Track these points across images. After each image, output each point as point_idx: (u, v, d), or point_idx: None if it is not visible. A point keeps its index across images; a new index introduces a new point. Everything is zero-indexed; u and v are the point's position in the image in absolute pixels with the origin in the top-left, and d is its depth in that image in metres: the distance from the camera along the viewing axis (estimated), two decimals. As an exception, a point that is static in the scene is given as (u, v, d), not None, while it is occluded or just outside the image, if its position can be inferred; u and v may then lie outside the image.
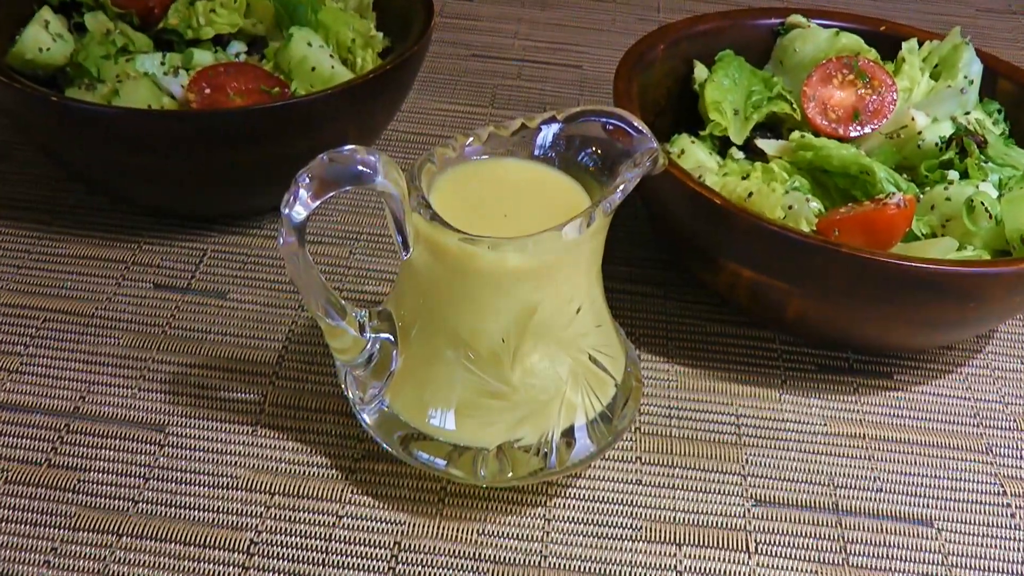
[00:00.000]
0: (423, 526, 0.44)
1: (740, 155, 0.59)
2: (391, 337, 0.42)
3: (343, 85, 0.55)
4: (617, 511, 0.45)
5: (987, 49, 0.64)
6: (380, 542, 0.43)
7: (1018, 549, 0.45)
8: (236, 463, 0.46)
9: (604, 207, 0.38)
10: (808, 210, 0.52)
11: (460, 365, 0.40)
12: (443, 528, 0.44)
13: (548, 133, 0.42)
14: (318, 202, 0.35)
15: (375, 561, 0.42)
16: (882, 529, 0.46)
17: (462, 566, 0.42)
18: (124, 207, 0.62)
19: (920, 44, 0.64)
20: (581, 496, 0.46)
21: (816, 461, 0.49)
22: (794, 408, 0.52)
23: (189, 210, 0.61)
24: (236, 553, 0.42)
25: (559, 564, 0.43)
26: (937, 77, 0.63)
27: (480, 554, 0.43)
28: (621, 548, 0.44)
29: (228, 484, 0.45)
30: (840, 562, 0.44)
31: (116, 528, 0.43)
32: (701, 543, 0.44)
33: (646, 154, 0.40)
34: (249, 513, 0.44)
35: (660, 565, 0.43)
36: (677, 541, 0.44)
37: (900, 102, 0.59)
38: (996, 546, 0.45)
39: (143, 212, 0.62)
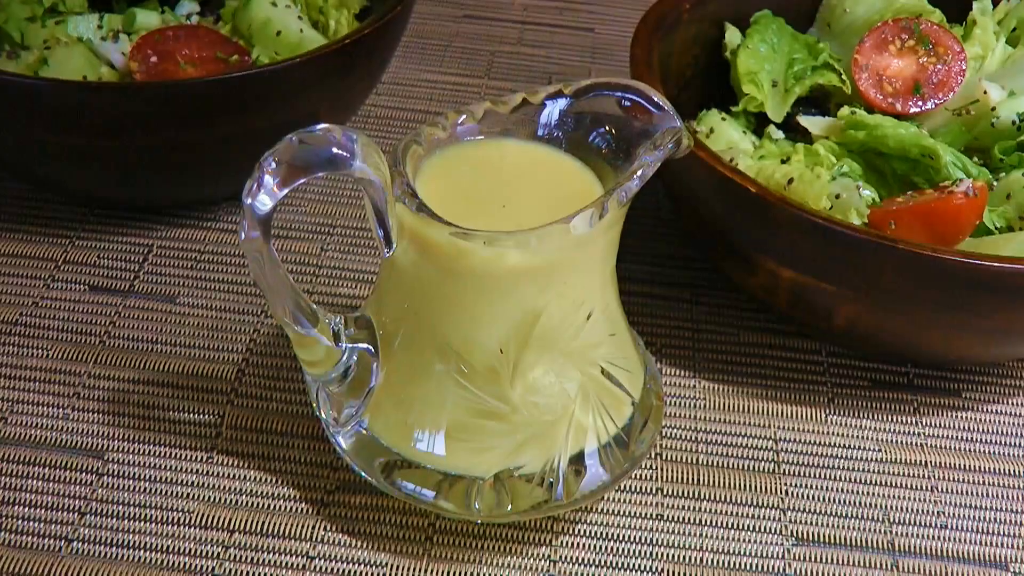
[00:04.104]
0: (408, 568, 0.45)
1: (779, 134, 0.60)
2: (371, 348, 0.43)
3: (314, 52, 0.56)
4: (634, 551, 0.46)
5: (1074, 9, 0.65)
6: (357, 588, 0.44)
7: (1105, 596, 0.46)
8: (188, 495, 0.47)
9: (619, 196, 0.39)
10: (859, 199, 0.53)
11: (451, 380, 0.41)
12: (431, 570, 0.45)
13: (554, 109, 0.43)
14: (286, 190, 0.36)
15: (351, 610, 0.43)
16: (947, 573, 0.46)
17: (453, 616, 0.44)
18: (54, 196, 0.63)
19: (995, 3, 0.65)
20: (592, 533, 0.47)
21: (869, 493, 0.50)
22: (843, 431, 0.53)
23: (131, 199, 0.62)
24: (189, 600, 0.43)
25: (567, 613, 0.44)
26: (1015, 43, 0.63)
27: (474, 602, 0.44)
28: (640, 595, 0.45)
29: (179, 520, 0.46)
30: (896, 611, 0.45)
31: (46, 571, 0.44)
32: (733, 589, 0.45)
33: (668, 134, 0.40)
34: (204, 554, 0.45)
35: (685, 615, 0.44)
36: (705, 587, 0.45)
37: (970, 72, 0.60)
38: (1080, 593, 0.46)
39: (76, 202, 0.63)
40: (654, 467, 0.50)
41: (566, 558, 0.46)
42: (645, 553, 0.46)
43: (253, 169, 0.35)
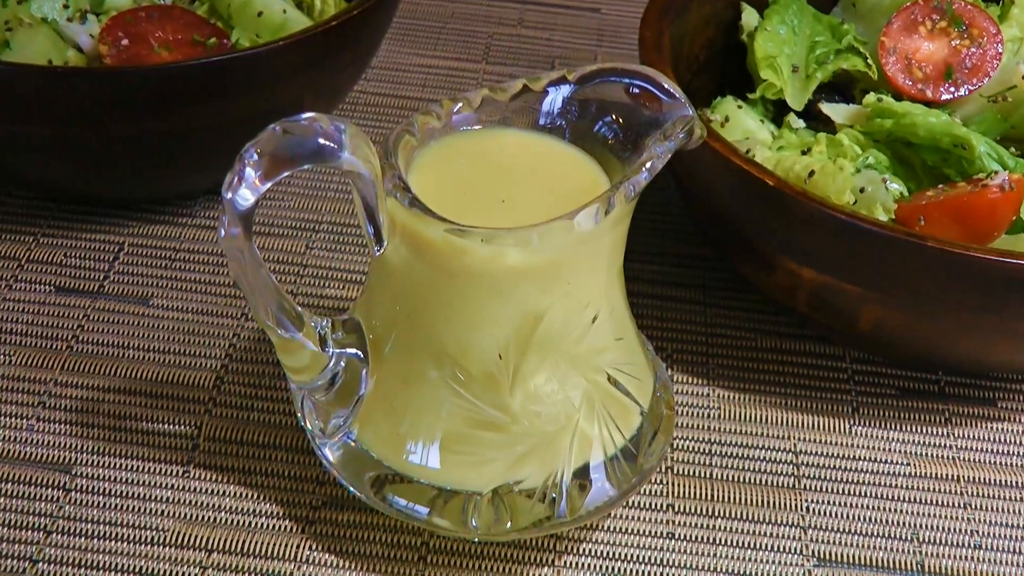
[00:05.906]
0: (399, 592, 0.45)
1: (800, 123, 0.61)
2: (359, 353, 0.43)
3: (298, 35, 0.56)
4: (643, 572, 0.46)
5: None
6: (345, 612, 0.45)
7: None
8: (163, 512, 0.47)
9: (627, 190, 0.39)
10: (886, 193, 0.53)
11: (447, 388, 0.41)
12: (424, 594, 0.45)
13: (557, 97, 0.43)
14: (269, 184, 0.36)
15: (339, 635, 0.44)
16: (979, 596, 0.47)
17: (448, 642, 0.44)
18: (16, 190, 0.63)
19: (1033, -19, 0.65)
20: (598, 553, 0.47)
21: (897, 509, 0.50)
22: (869, 443, 0.53)
23: (101, 193, 0.62)
24: (164, 625, 0.44)
25: (571, 639, 0.44)
26: (1055, 24, 0.64)
27: (471, 627, 0.45)
28: (649, 619, 0.45)
29: (153, 539, 0.46)
30: (925, 637, 0.46)
31: (12, 594, 0.44)
32: (750, 613, 0.46)
33: (679, 123, 0.41)
34: (181, 575, 0.45)
35: (698, 641, 0.45)
36: (720, 611, 0.46)
37: (1007, 56, 0.60)
38: (1123, 617, 0.47)
39: (41, 196, 0.63)
40: (664, 482, 0.50)
41: (570, 580, 0.46)
42: (655, 574, 0.46)
43: (233, 161, 0.36)
